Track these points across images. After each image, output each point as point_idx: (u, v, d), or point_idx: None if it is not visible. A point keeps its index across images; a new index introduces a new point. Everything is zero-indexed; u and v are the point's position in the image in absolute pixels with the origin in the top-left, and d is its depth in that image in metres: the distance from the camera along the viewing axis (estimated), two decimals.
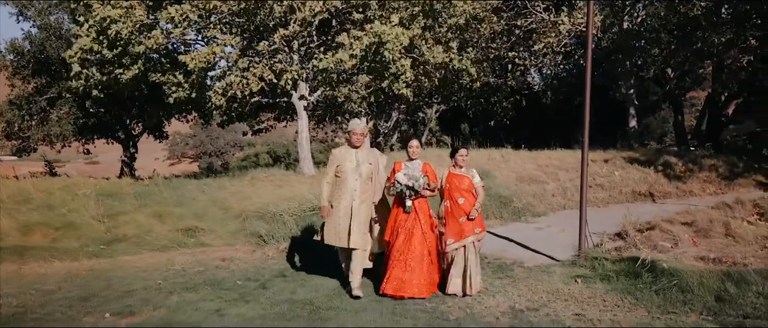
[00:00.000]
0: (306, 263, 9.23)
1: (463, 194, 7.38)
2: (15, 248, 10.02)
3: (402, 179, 7.12)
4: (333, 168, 7.42)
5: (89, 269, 9.11)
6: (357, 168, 7.29)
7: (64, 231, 10.97)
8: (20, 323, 6.66)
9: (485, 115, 29.80)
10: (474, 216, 7.33)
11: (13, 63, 23.49)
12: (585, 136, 8.53)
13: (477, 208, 7.37)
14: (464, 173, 7.53)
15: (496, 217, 11.77)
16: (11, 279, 8.58)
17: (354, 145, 7.37)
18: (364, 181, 7.31)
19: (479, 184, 7.57)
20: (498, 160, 15.67)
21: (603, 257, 8.34)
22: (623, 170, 14.65)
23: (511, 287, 7.72)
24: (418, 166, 7.34)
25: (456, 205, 7.36)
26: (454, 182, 7.44)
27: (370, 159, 7.40)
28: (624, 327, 6.21)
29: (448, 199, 7.45)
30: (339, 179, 7.35)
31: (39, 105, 23.71)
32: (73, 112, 23.75)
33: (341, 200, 7.28)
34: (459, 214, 7.34)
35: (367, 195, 7.35)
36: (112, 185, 14.53)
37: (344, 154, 7.40)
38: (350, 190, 7.25)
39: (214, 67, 14.96)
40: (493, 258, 9.11)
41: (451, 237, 7.34)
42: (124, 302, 7.37)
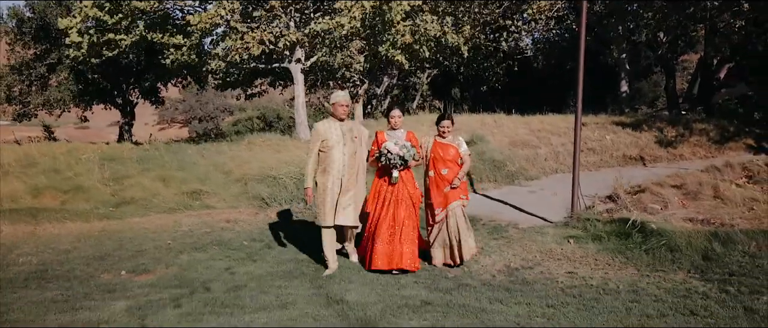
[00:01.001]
0: (308, 224, 9.60)
1: (447, 164, 7.19)
2: (28, 209, 10.36)
3: (393, 149, 6.83)
4: (317, 144, 6.97)
5: (101, 230, 9.46)
6: (343, 141, 6.91)
7: (72, 194, 11.30)
8: (44, 278, 7.04)
9: (477, 81, 29.95)
10: (456, 185, 7.17)
11: (14, 29, 23.59)
12: (578, 101, 8.85)
13: (460, 176, 7.19)
14: (450, 141, 7.31)
15: (490, 180, 12.13)
16: (28, 239, 8.94)
17: (339, 118, 6.96)
18: (350, 155, 6.94)
19: (466, 153, 7.37)
20: (491, 125, 15.99)
21: (594, 219, 8.70)
22: (614, 134, 14.99)
23: (506, 247, 8.10)
24: (402, 135, 7.11)
25: (439, 176, 7.21)
26: (439, 152, 7.24)
27: (354, 132, 7.04)
28: (614, 284, 6.59)
29: (432, 169, 7.28)
30: (324, 154, 6.94)
31: (39, 71, 23.87)
32: (72, 78, 23.89)
33: (330, 176, 6.88)
34: (443, 184, 7.18)
35: (355, 169, 7.00)
36: (114, 150, 14.80)
37: (329, 128, 6.96)
38: (339, 165, 6.89)
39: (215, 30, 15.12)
40: (488, 220, 9.48)
41: (437, 207, 7.21)
42: (138, 261, 7.73)
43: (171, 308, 5.85)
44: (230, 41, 14.59)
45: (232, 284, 6.72)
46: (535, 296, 6.17)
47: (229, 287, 6.57)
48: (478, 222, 9.32)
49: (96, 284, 6.85)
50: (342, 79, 23.03)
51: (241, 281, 6.83)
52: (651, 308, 5.70)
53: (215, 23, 14.27)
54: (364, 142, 7.15)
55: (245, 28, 14.99)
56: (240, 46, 14.46)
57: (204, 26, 14.08)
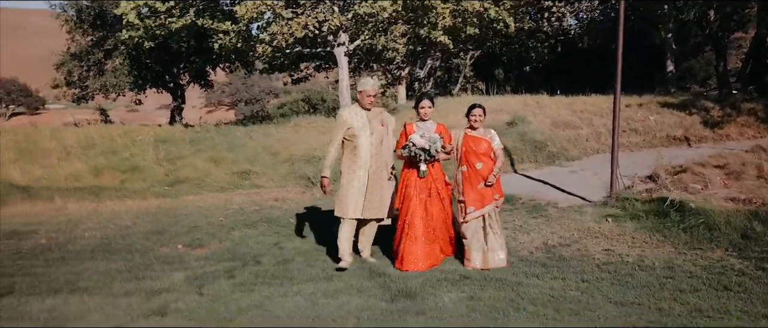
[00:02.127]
0: None
1: (480, 159, 6.62)
2: (90, 188, 11.01)
3: (418, 141, 6.39)
4: (341, 132, 6.58)
5: (157, 207, 10.02)
6: (370, 130, 6.53)
7: (130, 174, 11.94)
8: (108, 251, 7.58)
9: (520, 61, 29.80)
10: (492, 182, 6.61)
11: (73, 18, 24.66)
12: (617, 82, 8.95)
13: (495, 173, 6.64)
14: (482, 135, 6.73)
15: (531, 161, 12.27)
16: (91, 215, 9.55)
17: (365, 107, 6.59)
18: (377, 144, 6.56)
19: (499, 147, 6.77)
20: (533, 106, 16.06)
21: (633, 198, 8.80)
22: (658, 114, 14.90)
23: (545, 226, 8.30)
24: (432, 127, 6.64)
25: (474, 170, 6.65)
26: (471, 145, 6.65)
27: (379, 120, 6.67)
28: (650, 261, 6.75)
29: (464, 163, 6.71)
30: (350, 143, 6.55)
31: (96, 57, 24.94)
32: (127, 63, 24.82)
33: (355, 166, 6.50)
34: (477, 180, 6.62)
35: (381, 159, 6.63)
36: (167, 132, 15.45)
37: (354, 116, 6.57)
38: (365, 153, 6.50)
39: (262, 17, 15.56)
40: (528, 199, 9.68)
41: (471, 205, 6.64)
42: (193, 236, 8.22)
43: (225, 279, 6.28)
44: (276, 27, 14.99)
45: (280, 257, 7.12)
46: (570, 272, 6.38)
47: (278, 261, 6.98)
48: (517, 201, 9.53)
49: (155, 257, 7.35)
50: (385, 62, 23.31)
51: (289, 255, 7.23)
52: (685, 283, 5.85)
53: (261, 11, 14.69)
54: (390, 131, 6.78)
55: (291, 13, 15.36)
56: (285, 32, 14.85)
57: (250, 15, 14.52)
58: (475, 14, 17.58)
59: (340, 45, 16.84)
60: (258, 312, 5.22)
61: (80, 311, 5.29)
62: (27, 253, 7.70)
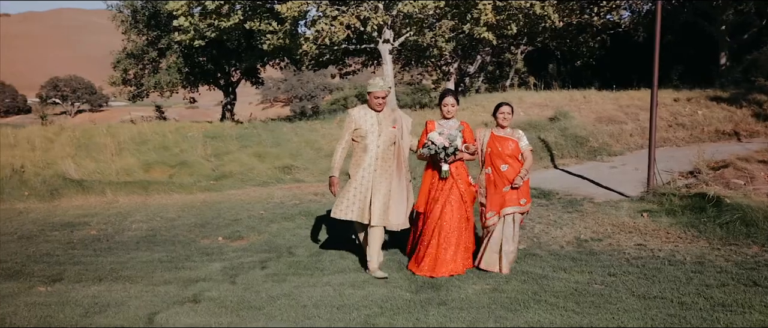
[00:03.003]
0: None
1: (506, 160, 6.25)
2: (140, 182, 11.49)
3: (437, 139, 6.09)
4: (349, 131, 6.26)
5: (202, 201, 10.40)
6: (379, 131, 6.16)
7: (179, 168, 12.39)
8: (152, 242, 7.96)
9: (572, 56, 29.36)
10: (518, 185, 6.22)
11: (128, 18, 25.62)
12: (654, 76, 8.87)
13: (522, 176, 6.24)
14: (509, 135, 6.36)
15: (572, 156, 12.19)
16: (140, 208, 9.99)
17: (375, 109, 6.22)
18: (386, 147, 6.18)
19: (527, 148, 6.39)
20: (579, 101, 15.90)
21: (671, 193, 8.71)
22: (707, 108, 14.55)
23: (579, 220, 8.29)
24: (455, 125, 6.30)
25: (498, 173, 6.28)
26: (496, 146, 6.30)
27: (393, 121, 6.27)
28: (681, 256, 6.71)
29: (489, 165, 6.37)
30: (357, 144, 6.23)
31: (150, 56, 25.86)
32: (180, 61, 25.62)
33: (359, 168, 6.15)
34: (502, 183, 6.25)
35: (390, 163, 6.20)
36: (216, 128, 15.93)
37: (364, 116, 6.23)
38: (370, 157, 6.13)
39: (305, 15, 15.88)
40: (564, 194, 9.66)
41: (491, 209, 6.29)
42: (234, 228, 8.54)
43: (259, 269, 6.54)
44: (319, 25, 15.28)
45: (314, 249, 7.36)
46: (598, 265, 6.40)
47: (312, 252, 7.21)
48: (553, 196, 9.53)
49: (196, 248, 7.68)
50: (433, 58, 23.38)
51: (322, 247, 7.45)
52: (712, 278, 5.81)
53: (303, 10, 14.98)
54: (405, 131, 6.39)
55: (335, 11, 15.62)
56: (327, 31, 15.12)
57: (293, 14, 14.84)
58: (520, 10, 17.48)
59: (386, 42, 17.01)
60: (286, 301, 5.43)
61: (120, 298, 5.61)
62: (78, 243, 8.15)
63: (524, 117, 14.61)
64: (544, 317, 4.93)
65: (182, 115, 45.32)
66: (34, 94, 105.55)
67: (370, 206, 6.13)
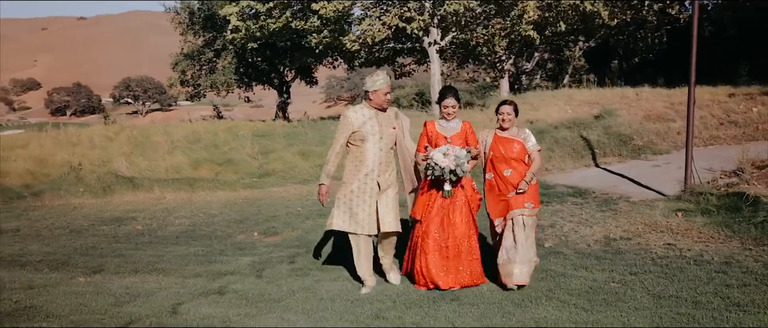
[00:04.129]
0: None
1: (510, 164, 5.71)
2: (187, 179, 11.96)
3: (441, 161, 5.39)
4: (346, 135, 5.66)
5: (244, 198, 10.76)
6: (380, 134, 5.61)
7: (225, 166, 12.83)
8: (191, 236, 8.33)
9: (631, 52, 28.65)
10: (523, 189, 5.67)
11: (185, 20, 26.56)
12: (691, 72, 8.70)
13: (528, 179, 5.68)
14: (514, 135, 5.81)
15: (615, 154, 11.99)
16: (184, 204, 10.42)
17: (378, 107, 5.66)
18: (388, 149, 5.70)
19: (535, 148, 5.81)
20: (630, 99, 15.58)
21: (708, 192, 8.50)
22: (763, 105, 14.06)
23: (611, 219, 8.20)
24: (457, 127, 5.73)
25: (501, 179, 5.76)
26: (499, 149, 5.76)
27: (391, 121, 5.75)
28: (710, 255, 6.58)
29: (490, 170, 5.86)
30: (355, 148, 5.67)
31: (207, 56, 26.73)
32: (235, 62, 26.37)
33: (360, 174, 5.63)
34: (506, 189, 5.71)
35: (392, 167, 5.78)
36: (267, 127, 16.34)
37: (362, 118, 5.63)
38: (372, 162, 5.61)
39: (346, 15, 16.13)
40: (600, 193, 9.56)
41: (496, 217, 5.80)
42: (270, 225, 8.82)
43: (286, 264, 6.78)
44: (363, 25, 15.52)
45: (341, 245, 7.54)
46: (622, 264, 6.34)
47: (339, 248, 7.38)
48: (589, 195, 9.45)
49: (231, 243, 7.99)
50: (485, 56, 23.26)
51: None
52: (735, 278, 5.70)
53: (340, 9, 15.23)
54: (406, 132, 5.91)
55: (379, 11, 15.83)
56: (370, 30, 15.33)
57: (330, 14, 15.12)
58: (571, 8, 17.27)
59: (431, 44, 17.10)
60: (304, 294, 5.64)
61: (151, 289, 5.92)
62: (122, 237, 8.59)
63: (570, 115, 14.45)
64: (552, 314, 4.96)
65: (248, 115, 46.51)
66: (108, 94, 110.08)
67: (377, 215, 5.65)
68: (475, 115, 15.87)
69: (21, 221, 9.94)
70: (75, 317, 5.10)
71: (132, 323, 4.94)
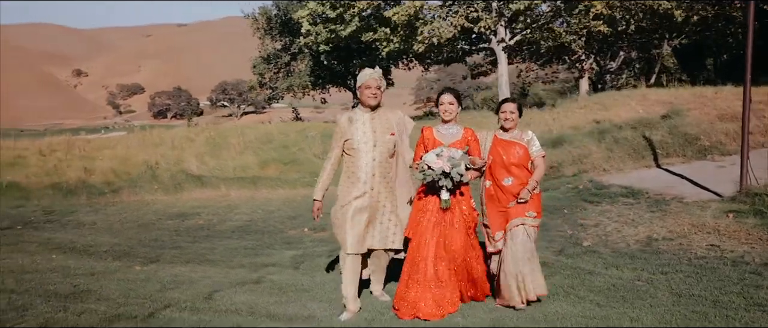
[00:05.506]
0: None
1: (511, 171, 5.07)
2: (252, 178, 12.55)
3: (434, 163, 4.76)
4: (339, 143, 5.09)
5: (303, 195, 11.21)
6: (373, 141, 4.98)
7: (290, 166, 13.37)
8: (246, 231, 8.82)
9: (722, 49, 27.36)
10: (525, 198, 5.02)
11: (263, 25, 27.65)
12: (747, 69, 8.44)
13: (530, 188, 5.02)
14: (516, 138, 5.16)
15: (678, 155, 11.63)
16: (247, 202, 10.99)
17: (368, 105, 5.02)
18: (384, 158, 5.00)
19: (538, 154, 5.16)
20: (706, 98, 14.98)
21: (764, 193, 8.23)
22: None
23: (658, 220, 8.07)
24: (456, 134, 5.06)
25: (499, 187, 5.11)
26: (499, 153, 5.12)
27: (389, 125, 5.08)
28: (751, 257, 6.40)
29: (488, 178, 5.20)
30: (348, 157, 5.07)
31: (283, 60, 27.69)
32: (310, 64, 27.18)
33: (354, 187, 4.99)
34: (505, 199, 5.08)
35: (390, 177, 5.09)
36: None
37: (354, 122, 5.05)
38: (364, 173, 4.96)
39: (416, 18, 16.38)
40: (654, 194, 9.37)
41: (497, 230, 5.13)
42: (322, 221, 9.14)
43: (324, 258, 7.10)
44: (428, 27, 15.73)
45: None
46: (655, 264, 6.29)
47: None
48: (641, 195, 9.29)
49: (281, 238, 8.41)
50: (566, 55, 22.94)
51: None
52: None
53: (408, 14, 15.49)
54: (405, 138, 5.20)
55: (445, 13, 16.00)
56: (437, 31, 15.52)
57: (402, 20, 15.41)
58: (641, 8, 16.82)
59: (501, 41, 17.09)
60: (333, 285, 5.91)
61: (195, 278, 6.37)
62: (183, 231, 9.18)
63: (639, 115, 14.10)
64: (566, 309, 5.02)
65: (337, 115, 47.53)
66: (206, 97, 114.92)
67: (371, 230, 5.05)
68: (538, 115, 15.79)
69: (98, 215, 10.77)
70: (121, 300, 5.58)
71: (169, 306, 5.36)
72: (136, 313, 5.16)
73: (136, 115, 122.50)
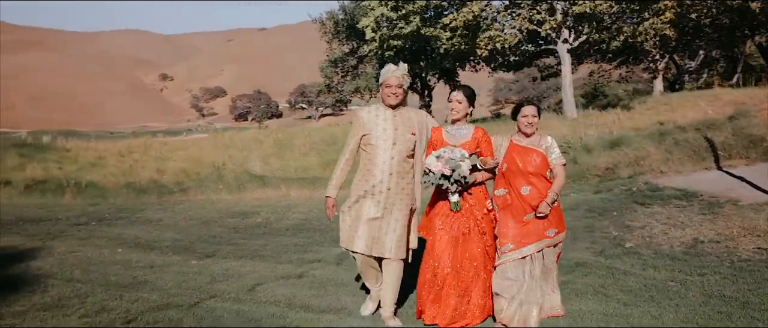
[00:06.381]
0: None
1: (529, 179, 4.72)
2: (312, 178, 13.01)
3: (434, 166, 4.58)
4: (356, 138, 4.92)
5: None
6: (393, 138, 4.77)
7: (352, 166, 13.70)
8: (299, 229, 9.23)
9: None
10: (544, 213, 4.67)
11: (331, 30, 28.32)
12: None
13: (550, 200, 4.67)
14: (534, 145, 4.79)
15: (742, 157, 11.26)
16: (305, 201, 11.43)
17: (389, 104, 4.82)
18: (402, 158, 4.79)
19: (558, 161, 4.79)
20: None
21: None
22: None
23: (708, 223, 7.91)
24: (467, 134, 4.80)
25: (517, 196, 4.75)
26: (516, 160, 4.76)
27: (411, 125, 4.86)
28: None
29: (505, 186, 4.83)
30: (365, 154, 4.92)
31: (350, 63, 28.27)
32: (376, 67, 27.63)
33: (367, 183, 4.84)
34: (521, 210, 4.72)
35: (408, 179, 4.85)
36: None
37: (375, 119, 4.85)
38: (382, 171, 4.77)
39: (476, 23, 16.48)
40: (709, 196, 9.14)
41: (508, 242, 4.72)
42: None
43: None
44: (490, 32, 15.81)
45: None
46: (694, 265, 6.25)
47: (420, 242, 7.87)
48: (695, 198, 9.11)
49: (331, 236, 8.72)
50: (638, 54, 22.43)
51: None
52: None
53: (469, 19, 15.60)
54: (424, 140, 4.95)
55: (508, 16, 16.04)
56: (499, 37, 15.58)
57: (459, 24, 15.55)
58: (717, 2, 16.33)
59: (564, 41, 16.96)
60: None
61: (243, 272, 6.77)
62: (242, 228, 9.66)
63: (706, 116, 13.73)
64: (590, 306, 5.11)
65: None
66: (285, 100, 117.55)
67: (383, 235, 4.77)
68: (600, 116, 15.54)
69: (166, 213, 11.45)
70: (173, 291, 6.02)
71: (214, 297, 5.76)
72: (183, 302, 5.57)
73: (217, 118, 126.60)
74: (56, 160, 16.56)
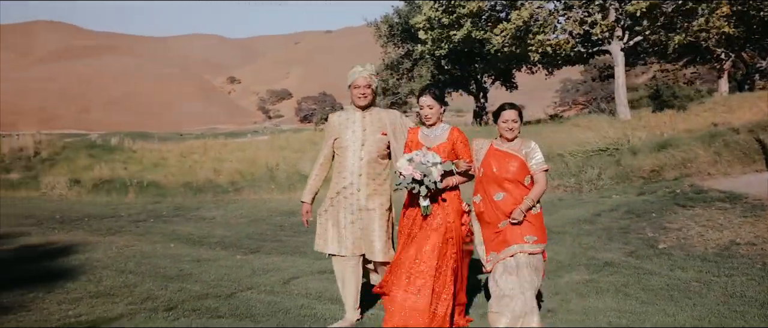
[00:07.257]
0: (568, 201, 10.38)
1: (503, 186, 4.46)
2: None
3: (405, 169, 4.36)
4: (329, 142, 4.91)
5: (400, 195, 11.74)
6: (362, 139, 4.75)
7: None
8: None
9: None
10: (517, 219, 4.41)
11: (386, 33, 28.72)
12: None
13: (524, 207, 4.41)
14: (514, 150, 4.53)
15: None
16: None
17: (358, 105, 4.82)
18: (372, 159, 4.75)
19: (539, 167, 4.50)
20: None
21: None
22: None
23: (748, 225, 7.79)
24: (442, 135, 4.59)
25: (491, 203, 4.51)
26: (492, 165, 4.53)
27: (382, 125, 4.81)
28: None
29: (479, 192, 4.61)
30: (338, 157, 4.86)
31: (405, 66, 28.58)
32: (431, 69, 27.84)
33: (337, 186, 4.82)
34: (495, 217, 4.49)
35: (380, 180, 4.81)
36: None
37: (345, 122, 4.84)
38: (350, 173, 4.73)
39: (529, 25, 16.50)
40: (754, 198, 8.95)
41: (491, 251, 4.55)
42: None
43: None
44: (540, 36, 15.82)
45: None
46: (724, 267, 6.23)
47: None
48: (739, 200, 8.97)
49: None
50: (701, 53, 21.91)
51: None
52: None
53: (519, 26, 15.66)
54: (399, 139, 4.79)
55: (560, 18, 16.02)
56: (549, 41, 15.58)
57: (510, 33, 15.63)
58: None
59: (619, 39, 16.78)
60: None
61: (284, 267, 7.14)
62: (287, 226, 10.06)
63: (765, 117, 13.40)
64: (606, 304, 5.23)
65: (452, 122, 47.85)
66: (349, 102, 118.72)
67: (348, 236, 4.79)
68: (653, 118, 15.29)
69: (219, 211, 12.00)
70: (214, 283, 6.44)
71: (250, 289, 6.14)
72: (221, 293, 5.97)
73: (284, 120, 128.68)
74: (122, 161, 17.56)
